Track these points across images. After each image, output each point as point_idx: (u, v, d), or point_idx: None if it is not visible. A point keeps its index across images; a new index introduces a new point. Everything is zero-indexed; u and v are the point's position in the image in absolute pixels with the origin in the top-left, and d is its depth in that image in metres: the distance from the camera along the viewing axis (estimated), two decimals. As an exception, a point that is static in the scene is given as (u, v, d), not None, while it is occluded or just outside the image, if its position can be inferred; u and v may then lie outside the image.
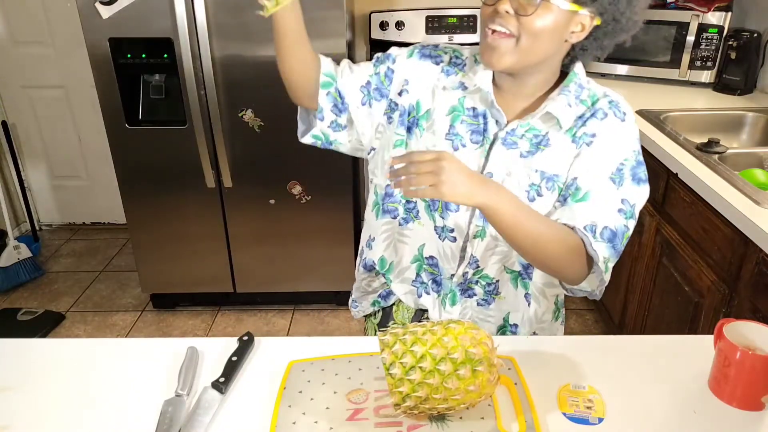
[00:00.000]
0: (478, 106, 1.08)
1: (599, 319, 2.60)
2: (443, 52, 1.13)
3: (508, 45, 0.95)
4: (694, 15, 2.36)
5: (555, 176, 1.05)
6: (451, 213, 1.10)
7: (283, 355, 1.02)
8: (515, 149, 1.05)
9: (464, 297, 1.18)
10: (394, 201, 1.17)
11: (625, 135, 1.05)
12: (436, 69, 1.11)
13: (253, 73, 2.24)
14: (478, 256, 1.13)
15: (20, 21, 3.00)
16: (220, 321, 2.67)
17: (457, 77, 1.10)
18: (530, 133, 1.05)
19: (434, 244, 1.16)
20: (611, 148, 1.04)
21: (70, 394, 0.95)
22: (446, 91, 1.10)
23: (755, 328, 0.92)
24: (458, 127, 1.08)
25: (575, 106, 1.05)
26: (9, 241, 2.92)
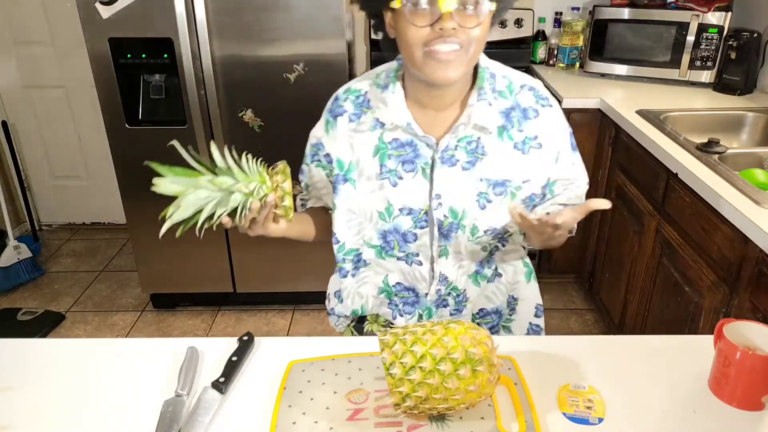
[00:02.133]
0: (401, 137, 1.08)
1: (599, 319, 2.60)
2: (343, 101, 1.13)
3: (460, 56, 0.97)
4: (694, 15, 2.36)
5: (506, 181, 1.08)
6: (410, 244, 1.13)
7: (283, 355, 1.02)
8: (456, 164, 1.08)
9: (439, 309, 1.21)
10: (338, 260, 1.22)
11: (558, 118, 1.13)
12: (344, 122, 1.12)
13: (253, 73, 2.24)
14: (447, 273, 1.16)
15: (20, 21, 3.00)
16: (220, 321, 2.67)
17: (368, 116, 1.10)
18: (463, 142, 1.07)
19: (399, 272, 1.19)
20: (558, 137, 1.12)
21: (70, 394, 0.96)
22: (364, 134, 1.10)
23: (755, 328, 0.92)
24: (388, 164, 1.09)
25: (495, 101, 1.07)
26: (9, 241, 2.92)
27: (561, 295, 2.80)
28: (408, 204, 1.09)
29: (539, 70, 2.79)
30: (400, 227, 1.11)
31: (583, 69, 2.72)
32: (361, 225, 1.15)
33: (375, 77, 1.13)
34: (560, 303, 2.75)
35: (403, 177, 1.09)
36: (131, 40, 2.20)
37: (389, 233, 1.13)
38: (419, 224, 1.11)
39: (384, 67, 1.13)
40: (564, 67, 2.82)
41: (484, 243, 1.14)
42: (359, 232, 1.16)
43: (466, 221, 1.09)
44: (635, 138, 2.03)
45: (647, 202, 1.98)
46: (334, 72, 2.22)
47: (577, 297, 2.78)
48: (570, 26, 2.76)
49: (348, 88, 1.15)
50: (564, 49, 2.80)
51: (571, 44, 2.78)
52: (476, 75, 1.08)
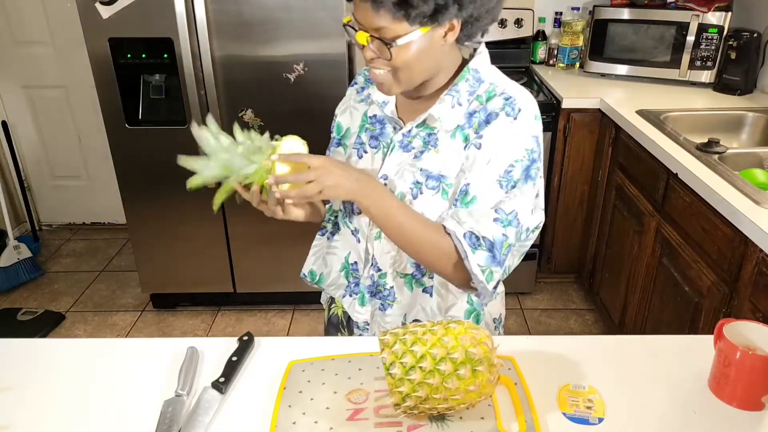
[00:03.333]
0: (378, 113, 1.15)
1: (599, 319, 2.60)
2: (360, 74, 1.24)
3: (388, 78, 1.02)
4: (694, 15, 2.36)
5: (441, 176, 1.06)
6: (354, 216, 1.17)
7: (283, 355, 1.02)
8: (410, 151, 1.09)
9: (373, 299, 1.20)
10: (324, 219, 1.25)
11: (516, 134, 1.02)
12: (352, 92, 1.23)
13: (253, 73, 2.24)
14: (378, 259, 1.16)
15: (20, 21, 3.00)
16: (220, 321, 2.67)
17: (366, 92, 1.20)
18: (424, 132, 1.09)
19: (354, 250, 1.21)
20: (500, 150, 1.02)
21: (70, 394, 0.96)
22: (360, 105, 1.20)
23: (755, 328, 0.92)
24: (362, 136, 1.16)
25: (466, 103, 1.06)
26: (9, 241, 2.92)
27: (561, 295, 2.80)
28: None
29: (539, 70, 2.79)
30: None
31: (583, 69, 2.72)
32: None
33: None
34: (560, 303, 2.75)
35: (367, 151, 1.14)
36: (131, 40, 2.20)
37: (345, 202, 1.19)
38: None
39: None
40: (564, 67, 2.82)
41: None
42: None
43: None
44: (635, 138, 2.03)
45: (647, 202, 1.98)
46: (334, 72, 2.22)
47: (577, 297, 2.78)
48: (570, 26, 2.76)
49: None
50: (564, 49, 2.80)
51: (571, 44, 2.78)
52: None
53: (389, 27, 0.95)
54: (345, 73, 2.23)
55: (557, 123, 2.42)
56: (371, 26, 0.96)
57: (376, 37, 0.97)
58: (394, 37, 0.96)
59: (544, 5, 2.84)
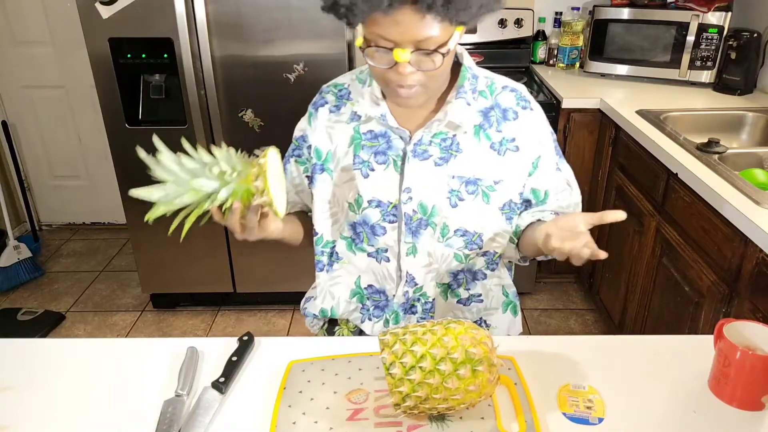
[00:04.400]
0: (375, 128, 1.09)
1: (599, 319, 2.60)
2: (326, 93, 1.16)
3: (420, 93, 0.98)
4: (694, 15, 2.36)
5: (477, 180, 1.07)
6: (378, 237, 1.13)
7: (283, 355, 1.02)
8: (428, 159, 1.07)
9: (407, 315, 1.20)
10: (316, 253, 1.20)
11: (540, 122, 1.11)
12: (323, 113, 1.14)
13: (253, 73, 2.24)
14: (414, 274, 1.15)
15: (20, 21, 3.00)
16: (220, 321, 2.67)
17: (347, 108, 1.12)
18: (438, 138, 1.07)
19: (370, 272, 1.18)
20: (538, 142, 1.10)
21: (70, 394, 0.96)
22: (341, 125, 1.12)
23: (755, 328, 0.92)
24: (361, 155, 1.10)
25: (475, 101, 1.07)
26: (9, 241, 2.92)
27: (561, 295, 2.80)
28: (377, 196, 1.10)
29: (539, 70, 2.79)
30: (369, 219, 1.12)
31: (583, 69, 2.72)
32: (336, 216, 1.16)
33: (358, 72, 1.14)
34: (560, 303, 2.75)
35: (374, 169, 1.09)
36: (131, 40, 2.20)
37: (359, 225, 1.13)
38: (387, 218, 1.11)
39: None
40: (564, 67, 2.82)
41: (456, 247, 1.12)
42: (335, 223, 1.17)
43: (436, 219, 1.09)
44: (635, 138, 2.03)
45: (647, 202, 1.98)
46: (334, 72, 2.20)
47: (577, 297, 2.78)
48: (570, 26, 2.76)
49: (332, 82, 1.17)
50: (564, 49, 2.80)
51: (571, 44, 2.78)
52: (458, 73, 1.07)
53: (435, 35, 0.89)
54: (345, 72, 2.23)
55: (557, 123, 2.42)
56: (413, 38, 0.89)
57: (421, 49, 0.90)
58: (442, 44, 0.91)
59: (544, 5, 2.84)
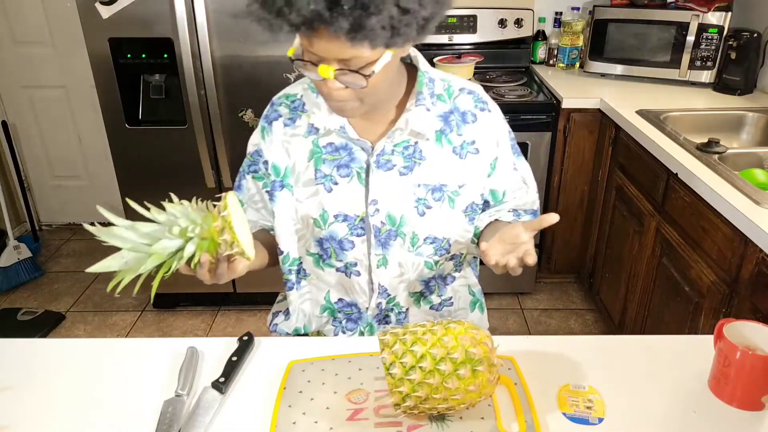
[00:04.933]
0: (335, 141, 1.06)
1: (599, 319, 2.60)
2: (278, 106, 1.11)
3: (355, 107, 0.94)
4: (694, 15, 2.36)
5: (442, 186, 1.07)
6: (347, 252, 1.11)
7: (283, 355, 1.02)
8: (392, 169, 1.05)
9: (381, 325, 1.20)
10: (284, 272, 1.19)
11: (497, 123, 1.10)
12: (278, 127, 1.10)
13: (253, 73, 2.24)
14: (386, 285, 1.14)
15: (20, 21, 3.00)
16: (220, 321, 2.67)
17: (303, 120, 1.08)
18: (400, 146, 1.05)
19: (340, 286, 1.16)
20: (496, 143, 1.10)
21: (70, 394, 0.96)
22: (298, 138, 1.08)
23: (755, 328, 0.92)
24: (323, 168, 1.07)
25: (434, 106, 1.05)
26: (9, 241, 2.92)
27: (561, 295, 2.80)
28: (343, 210, 1.07)
29: (539, 70, 2.79)
30: (336, 234, 1.09)
31: (583, 69, 2.72)
32: (301, 232, 1.13)
33: (310, 82, 1.10)
34: (560, 303, 2.75)
35: (338, 182, 1.06)
36: (131, 40, 2.20)
37: (325, 241, 1.10)
38: (355, 231, 1.09)
39: None
40: (564, 67, 2.82)
41: (426, 255, 1.12)
42: (300, 240, 1.14)
43: (405, 228, 1.08)
44: (635, 138, 2.03)
45: (647, 202, 1.98)
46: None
47: (577, 297, 2.78)
48: (570, 26, 2.76)
49: (283, 93, 1.13)
50: (564, 49, 2.80)
51: (571, 44, 2.78)
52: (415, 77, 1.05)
53: (363, 55, 0.84)
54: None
55: (557, 123, 2.42)
56: (338, 56, 0.84)
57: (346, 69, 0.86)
58: (368, 64, 0.86)
59: (544, 5, 2.84)
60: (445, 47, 2.77)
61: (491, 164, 1.10)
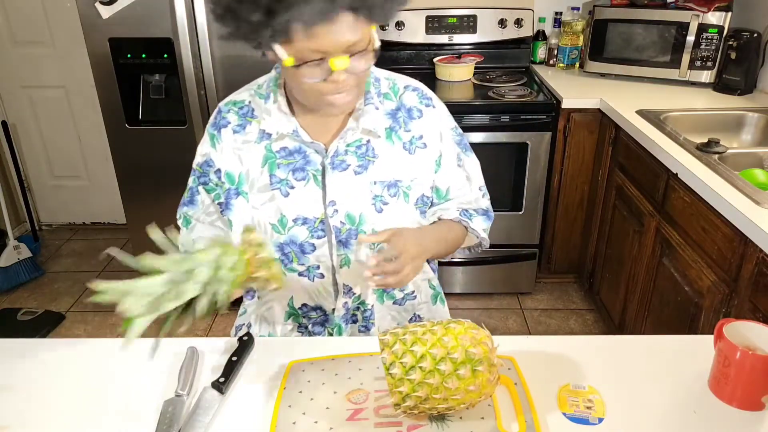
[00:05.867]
0: (289, 145, 1.07)
1: (599, 319, 2.60)
2: (226, 113, 1.11)
3: (355, 96, 0.98)
4: (694, 15, 2.36)
5: (397, 182, 1.09)
6: (308, 255, 1.11)
7: (283, 355, 1.02)
8: (347, 168, 1.07)
9: (349, 325, 1.19)
10: None
11: (442, 119, 1.13)
12: (228, 134, 1.09)
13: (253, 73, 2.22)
14: (351, 284, 1.14)
15: (20, 21, 3.00)
16: (220, 321, 2.67)
17: (253, 127, 1.08)
18: (353, 146, 1.07)
19: (303, 291, 1.15)
20: (440, 138, 1.12)
21: (70, 394, 0.96)
22: (250, 145, 1.08)
23: (755, 328, 0.92)
24: (278, 173, 1.07)
25: (381, 104, 1.08)
26: (9, 241, 2.92)
27: (561, 295, 2.80)
28: (302, 213, 1.07)
29: (539, 70, 2.79)
30: (297, 238, 1.09)
31: (583, 69, 2.72)
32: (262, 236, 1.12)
33: (257, 88, 1.11)
34: (560, 303, 2.75)
35: (294, 186, 1.07)
36: (131, 40, 2.20)
37: (286, 245, 1.10)
38: (316, 234, 1.09)
39: (265, 78, 1.13)
40: (564, 67, 2.82)
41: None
42: None
43: (365, 227, 1.08)
44: (635, 138, 2.03)
45: (647, 202, 1.98)
46: (334, 72, 2.22)
47: (577, 297, 2.78)
48: (570, 26, 2.76)
49: (230, 100, 1.13)
50: (564, 49, 2.80)
51: (571, 44, 2.78)
52: None
53: (363, 37, 0.90)
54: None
55: (557, 123, 2.42)
56: (346, 45, 0.88)
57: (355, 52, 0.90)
58: (369, 42, 0.91)
59: (544, 5, 2.84)
60: (445, 47, 2.77)
61: (436, 161, 1.12)
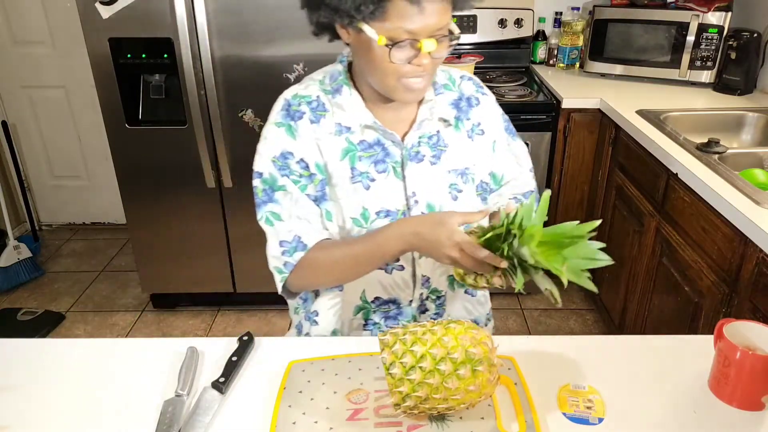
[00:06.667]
0: (368, 138, 1.07)
1: (599, 319, 2.60)
2: (297, 105, 1.08)
3: (428, 81, 1.01)
4: (694, 15, 2.36)
5: (465, 170, 1.12)
6: None
7: (283, 355, 1.02)
8: (423, 160, 1.09)
9: (421, 316, 1.19)
10: None
11: (494, 106, 1.19)
12: (305, 125, 1.07)
13: (253, 73, 2.24)
14: (429, 274, 1.14)
15: (20, 21, 3.00)
16: (220, 321, 2.67)
17: (328, 120, 1.07)
18: (425, 137, 1.10)
19: (377, 284, 1.13)
20: (494, 125, 1.18)
21: (70, 394, 0.96)
22: (329, 137, 1.07)
23: (755, 328, 0.92)
24: (359, 166, 1.07)
25: (443, 95, 1.13)
26: (9, 241, 2.92)
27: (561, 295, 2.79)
28: (385, 206, 1.07)
29: (539, 70, 2.79)
30: None
31: (583, 69, 2.72)
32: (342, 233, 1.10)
33: (320, 83, 1.09)
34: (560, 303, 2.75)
35: (375, 179, 1.07)
36: (131, 40, 2.20)
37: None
38: None
39: (326, 72, 1.10)
40: (564, 67, 2.82)
41: None
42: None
43: None
44: (635, 138, 2.03)
45: (647, 202, 1.98)
46: (334, 72, 2.22)
47: (577, 297, 2.78)
48: (570, 26, 2.76)
49: (296, 93, 1.09)
50: (564, 49, 2.80)
51: (571, 44, 2.78)
52: None
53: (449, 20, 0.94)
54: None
55: (557, 123, 2.42)
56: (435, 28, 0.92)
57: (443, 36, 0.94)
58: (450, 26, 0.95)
59: (544, 5, 2.84)
60: (445, 47, 2.77)
61: (491, 147, 1.17)
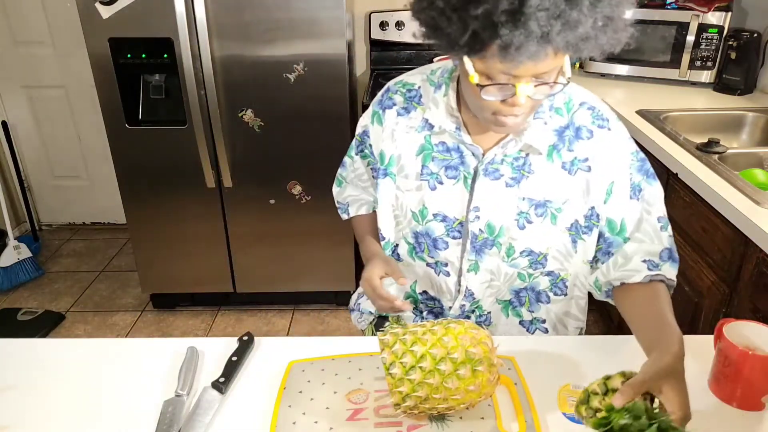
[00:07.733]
0: (448, 141, 1.05)
1: (599, 319, 2.60)
2: (394, 93, 1.11)
3: (523, 118, 0.92)
4: (694, 15, 2.36)
5: (547, 202, 1.04)
6: (440, 251, 1.11)
7: (283, 355, 1.02)
8: (500, 179, 1.03)
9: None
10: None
11: (618, 143, 1.04)
12: (391, 115, 1.09)
13: (253, 73, 2.23)
14: (474, 290, 1.13)
15: (20, 21, 3.00)
16: (220, 321, 2.67)
17: (418, 113, 1.07)
18: (510, 157, 1.03)
19: (427, 279, 1.16)
20: (613, 166, 1.02)
21: (70, 394, 0.96)
22: (411, 131, 1.08)
23: (755, 328, 0.92)
24: (431, 166, 1.06)
25: (551, 119, 1.02)
26: (9, 241, 2.92)
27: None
28: (443, 211, 1.08)
29: (539, 70, 2.78)
30: (432, 232, 1.10)
31: (583, 69, 2.72)
32: (398, 219, 1.14)
33: (429, 73, 1.09)
34: None
35: (443, 182, 1.06)
36: (131, 40, 2.20)
37: (421, 235, 1.11)
38: (452, 233, 1.09)
39: (440, 65, 1.09)
40: (564, 67, 2.82)
41: (521, 267, 1.10)
42: (398, 226, 1.15)
43: (502, 239, 1.06)
44: (635, 138, 2.02)
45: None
46: (334, 72, 2.22)
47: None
48: (570, 26, 2.75)
49: (400, 80, 1.12)
50: (564, 49, 2.79)
51: (571, 44, 2.78)
52: None
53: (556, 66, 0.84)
54: (345, 73, 2.23)
55: (557, 123, 2.41)
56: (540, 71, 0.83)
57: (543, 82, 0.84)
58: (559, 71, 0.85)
59: (544, 5, 2.83)
60: (445, 47, 2.77)
61: (607, 189, 1.03)
